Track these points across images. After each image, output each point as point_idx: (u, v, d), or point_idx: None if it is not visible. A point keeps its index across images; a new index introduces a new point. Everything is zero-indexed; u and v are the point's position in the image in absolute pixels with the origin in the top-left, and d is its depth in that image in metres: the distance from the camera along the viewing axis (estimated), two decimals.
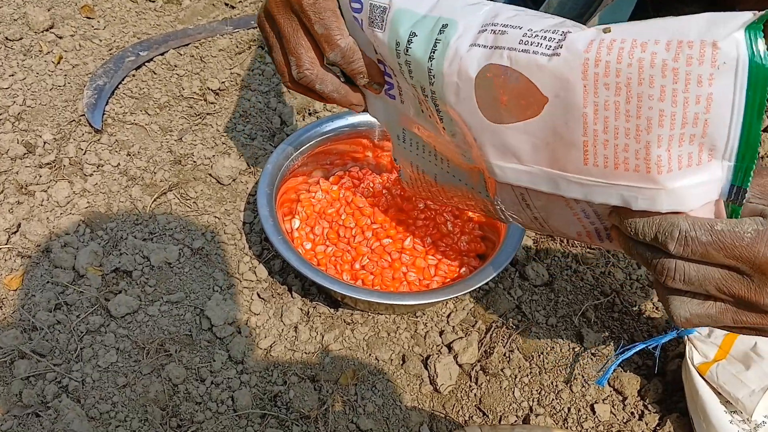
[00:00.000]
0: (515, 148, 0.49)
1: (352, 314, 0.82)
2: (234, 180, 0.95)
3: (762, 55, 0.37)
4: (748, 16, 0.37)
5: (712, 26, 0.38)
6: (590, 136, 0.44)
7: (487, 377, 0.78)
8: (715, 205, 0.43)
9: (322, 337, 0.80)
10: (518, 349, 0.80)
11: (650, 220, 0.44)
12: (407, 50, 0.52)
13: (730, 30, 0.37)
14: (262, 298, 0.82)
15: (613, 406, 0.76)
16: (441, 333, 0.82)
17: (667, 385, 0.77)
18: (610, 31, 0.41)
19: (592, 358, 0.79)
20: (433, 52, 0.50)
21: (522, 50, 0.44)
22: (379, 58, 0.57)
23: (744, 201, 0.42)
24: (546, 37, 0.44)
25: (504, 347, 0.80)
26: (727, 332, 0.72)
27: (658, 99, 0.40)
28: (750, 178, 0.41)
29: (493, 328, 0.82)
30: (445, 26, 0.50)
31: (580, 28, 0.44)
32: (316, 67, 0.58)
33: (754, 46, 0.37)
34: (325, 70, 0.59)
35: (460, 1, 0.51)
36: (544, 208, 0.53)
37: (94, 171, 0.93)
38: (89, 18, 1.16)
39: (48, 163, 0.93)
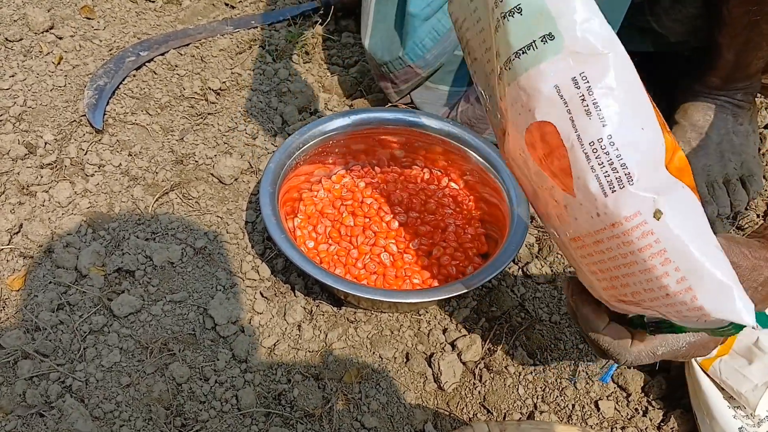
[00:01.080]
0: (540, 181, 0.50)
1: (355, 313, 0.82)
2: (236, 179, 0.95)
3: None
4: (750, 321, 0.41)
5: (719, 302, 0.41)
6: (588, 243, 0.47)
7: (491, 375, 0.78)
8: None
9: (326, 335, 0.80)
10: (522, 347, 0.80)
11: (602, 339, 0.52)
12: (505, 17, 0.45)
13: (726, 318, 0.41)
14: (265, 297, 0.82)
15: (617, 403, 0.76)
16: (444, 331, 0.82)
17: (670, 381, 0.77)
18: (659, 218, 0.41)
19: (595, 355, 0.79)
20: (523, 52, 0.45)
21: (585, 153, 0.43)
22: None
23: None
24: (612, 165, 0.42)
25: (508, 345, 0.80)
26: None
27: (647, 290, 0.44)
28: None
29: (496, 326, 0.82)
30: (549, 36, 0.43)
31: (648, 173, 0.42)
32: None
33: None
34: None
35: (580, 11, 0.43)
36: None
37: (96, 171, 0.93)
38: (89, 18, 1.16)
39: (49, 164, 0.93)
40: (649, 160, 0.43)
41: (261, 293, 0.83)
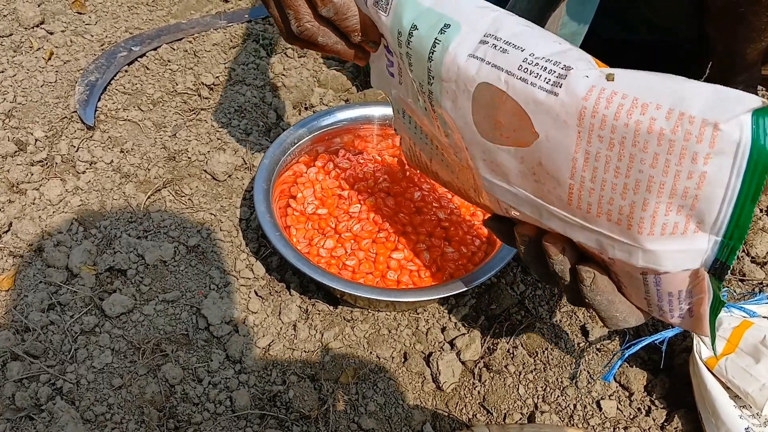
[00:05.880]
0: (505, 168, 0.48)
1: (351, 312, 0.80)
2: (229, 176, 0.93)
3: (766, 141, 0.36)
4: (756, 101, 0.36)
5: (717, 104, 0.37)
6: (577, 181, 0.43)
7: (491, 374, 0.76)
8: (693, 274, 0.42)
9: (322, 335, 0.78)
10: (522, 346, 0.79)
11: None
12: (408, 43, 0.50)
13: (735, 113, 0.36)
14: (260, 296, 0.81)
15: (619, 402, 0.75)
16: (443, 330, 0.80)
17: (674, 380, 0.76)
18: (613, 79, 0.40)
19: (597, 354, 0.78)
20: (432, 53, 0.48)
21: (520, 78, 0.43)
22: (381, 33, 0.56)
23: (726, 277, 0.43)
24: (546, 68, 0.42)
25: (507, 343, 0.79)
26: (735, 325, 0.71)
27: (650, 165, 0.39)
28: (735, 257, 0.40)
29: (496, 325, 0.81)
30: (447, 26, 0.47)
31: (585, 63, 0.42)
32: (316, 19, 0.56)
33: (759, 132, 0.36)
34: (322, 24, 0.56)
35: (467, 0, 0.48)
36: (528, 220, 0.53)
37: (87, 168, 0.91)
38: (80, 13, 1.14)
39: (40, 161, 0.91)
40: (580, 59, 0.43)
41: (255, 292, 0.81)
